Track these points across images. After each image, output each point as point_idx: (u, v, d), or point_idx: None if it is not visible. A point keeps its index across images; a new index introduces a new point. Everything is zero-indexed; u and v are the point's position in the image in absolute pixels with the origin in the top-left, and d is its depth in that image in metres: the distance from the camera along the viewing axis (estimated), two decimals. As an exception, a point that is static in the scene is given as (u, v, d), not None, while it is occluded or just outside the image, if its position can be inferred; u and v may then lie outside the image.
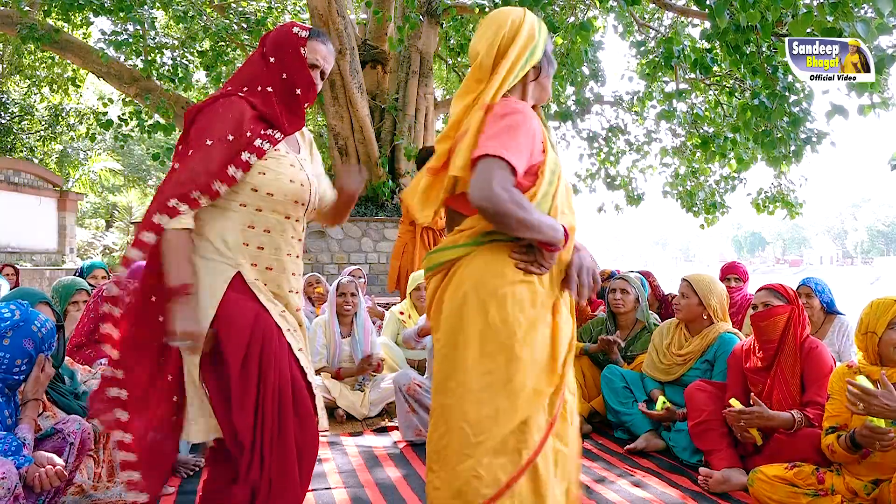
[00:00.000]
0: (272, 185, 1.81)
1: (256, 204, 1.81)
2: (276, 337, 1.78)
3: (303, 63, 1.88)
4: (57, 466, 1.88)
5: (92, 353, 2.83)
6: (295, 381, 1.79)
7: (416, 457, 3.19)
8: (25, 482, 1.83)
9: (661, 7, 8.44)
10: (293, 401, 1.78)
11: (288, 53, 1.88)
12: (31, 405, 2.12)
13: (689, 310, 3.32)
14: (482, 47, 1.69)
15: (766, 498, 2.48)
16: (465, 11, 9.11)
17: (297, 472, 1.76)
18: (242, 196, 1.80)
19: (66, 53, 9.60)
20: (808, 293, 3.56)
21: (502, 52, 1.67)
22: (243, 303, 1.76)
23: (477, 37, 1.73)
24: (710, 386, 3.05)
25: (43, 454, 1.96)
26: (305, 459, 1.80)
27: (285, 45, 1.89)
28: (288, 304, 1.86)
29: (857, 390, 2.12)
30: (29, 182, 13.45)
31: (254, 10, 10.28)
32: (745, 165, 8.68)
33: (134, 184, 21.55)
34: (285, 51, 1.88)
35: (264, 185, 1.81)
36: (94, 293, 3.03)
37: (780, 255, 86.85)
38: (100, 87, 16.18)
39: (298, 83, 1.89)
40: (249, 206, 1.80)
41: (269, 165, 1.82)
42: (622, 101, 10.88)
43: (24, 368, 2.06)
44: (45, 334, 2.11)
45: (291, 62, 1.88)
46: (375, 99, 9.55)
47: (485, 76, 1.68)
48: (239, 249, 1.79)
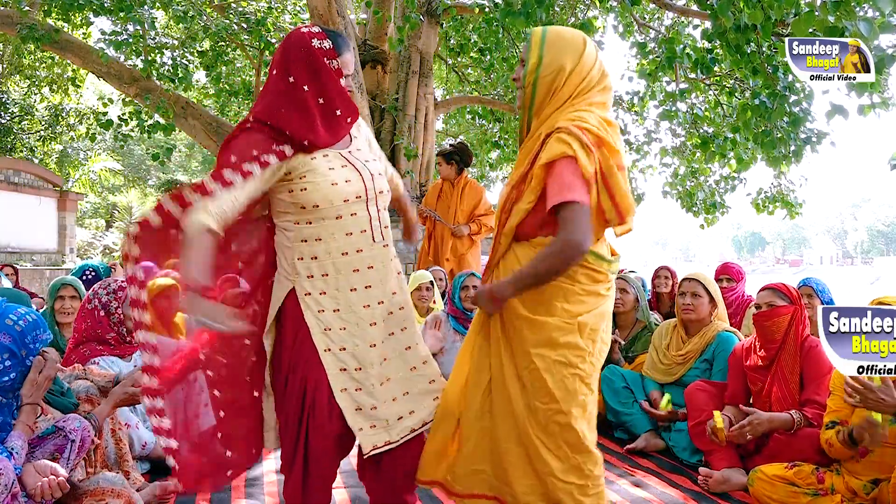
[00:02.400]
0: (315, 197, 1.84)
1: (307, 219, 1.87)
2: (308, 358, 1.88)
3: (336, 82, 1.87)
4: (59, 478, 1.84)
5: (87, 352, 2.82)
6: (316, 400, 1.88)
7: (417, 457, 3.18)
8: (27, 493, 1.81)
9: (662, 7, 8.44)
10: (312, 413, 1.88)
11: (321, 72, 1.85)
12: (25, 410, 1.99)
13: (703, 309, 3.30)
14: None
15: (766, 498, 2.48)
16: (465, 11, 9.10)
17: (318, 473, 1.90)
18: (293, 216, 1.88)
19: (66, 53, 9.58)
20: (810, 293, 3.56)
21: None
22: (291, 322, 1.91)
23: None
24: (711, 386, 3.06)
25: (45, 464, 1.89)
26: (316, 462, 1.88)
27: (312, 63, 1.84)
28: (352, 304, 1.90)
29: (856, 382, 2.11)
30: (29, 182, 13.44)
31: (254, 10, 10.27)
32: (745, 165, 8.67)
33: (134, 184, 21.55)
34: (315, 70, 1.84)
35: (309, 199, 1.85)
36: (90, 292, 3.03)
37: (780, 255, 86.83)
38: (100, 87, 16.18)
39: (338, 105, 1.89)
40: (301, 222, 1.88)
41: (309, 179, 1.85)
42: (622, 101, 10.87)
43: (10, 366, 1.93)
44: (24, 327, 1.95)
45: (326, 81, 1.85)
46: (375, 99, 9.54)
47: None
48: (294, 266, 1.89)
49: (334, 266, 1.88)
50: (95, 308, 2.84)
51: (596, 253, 1.86)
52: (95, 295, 2.86)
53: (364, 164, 1.96)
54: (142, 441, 2.75)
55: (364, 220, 1.92)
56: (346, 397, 1.88)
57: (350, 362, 1.88)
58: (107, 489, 2.01)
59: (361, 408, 1.90)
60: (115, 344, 2.86)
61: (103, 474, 2.10)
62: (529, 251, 1.87)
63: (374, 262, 1.93)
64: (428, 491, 2.72)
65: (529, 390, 1.86)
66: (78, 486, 2.04)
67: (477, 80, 11.69)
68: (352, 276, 1.90)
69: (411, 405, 2.00)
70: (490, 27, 7.78)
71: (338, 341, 1.88)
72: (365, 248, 1.92)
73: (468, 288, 3.72)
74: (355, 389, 1.89)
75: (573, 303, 1.83)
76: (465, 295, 3.71)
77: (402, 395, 1.99)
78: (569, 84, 1.85)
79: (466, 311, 3.71)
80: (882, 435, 2.15)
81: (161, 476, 2.74)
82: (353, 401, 1.89)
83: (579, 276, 1.84)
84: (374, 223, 1.94)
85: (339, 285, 1.89)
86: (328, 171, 1.87)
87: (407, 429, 1.97)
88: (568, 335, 1.83)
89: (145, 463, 2.83)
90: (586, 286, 1.86)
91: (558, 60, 1.83)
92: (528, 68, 1.86)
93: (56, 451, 1.98)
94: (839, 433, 2.33)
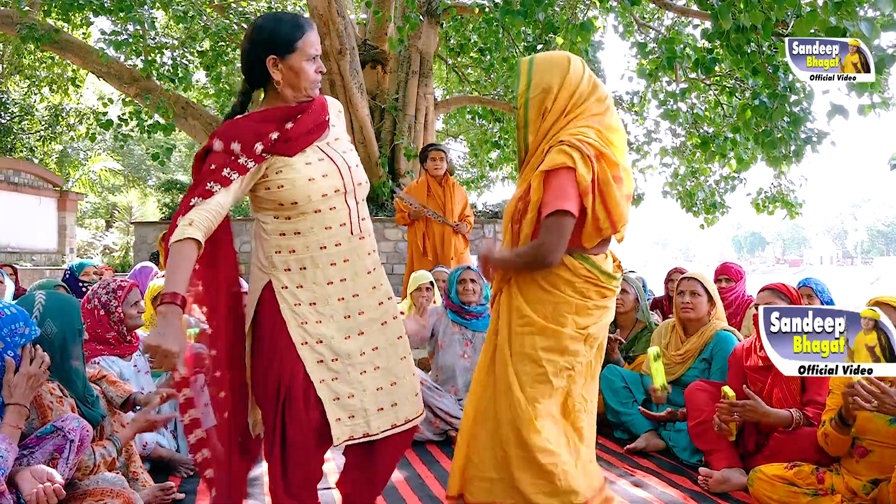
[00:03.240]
0: (292, 194, 1.84)
1: (285, 214, 1.87)
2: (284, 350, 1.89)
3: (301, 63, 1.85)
4: (56, 484, 1.79)
5: (87, 352, 2.81)
6: (292, 390, 1.87)
7: (417, 457, 3.19)
8: (24, 499, 1.79)
9: (662, 7, 8.44)
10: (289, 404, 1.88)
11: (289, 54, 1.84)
12: (10, 411, 1.85)
13: (701, 308, 3.31)
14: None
15: (766, 497, 2.48)
16: (465, 11, 9.10)
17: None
18: (271, 211, 1.88)
19: (66, 53, 9.59)
20: (810, 293, 3.57)
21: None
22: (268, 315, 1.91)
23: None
24: (710, 386, 3.05)
25: (42, 469, 1.85)
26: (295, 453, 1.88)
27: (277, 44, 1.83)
28: (328, 297, 1.91)
29: (873, 387, 2.05)
30: (29, 182, 13.45)
31: (254, 10, 10.27)
32: (745, 165, 8.68)
33: (134, 184, 21.52)
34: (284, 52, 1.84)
35: (287, 197, 1.85)
36: (89, 292, 3.03)
37: (780, 255, 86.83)
38: (100, 87, 16.17)
39: (303, 86, 1.87)
40: (280, 217, 1.88)
41: (285, 175, 1.84)
42: (622, 101, 10.87)
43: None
44: (0, 321, 1.86)
45: (293, 63, 1.84)
46: (375, 99, 9.54)
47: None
48: (271, 259, 1.90)
49: (312, 260, 1.89)
50: (95, 308, 2.84)
51: (606, 272, 2.03)
52: (95, 295, 2.86)
53: (342, 155, 1.95)
54: (142, 441, 2.75)
55: (343, 214, 1.92)
56: (325, 388, 1.89)
57: (327, 353, 1.90)
58: (105, 489, 2.00)
59: (339, 397, 1.91)
60: (116, 343, 2.85)
61: (103, 475, 2.09)
62: None
63: (351, 255, 1.93)
64: (428, 491, 2.73)
65: (530, 391, 1.99)
66: (77, 485, 2.04)
67: (477, 80, 11.70)
68: (329, 269, 1.91)
69: (395, 397, 2.00)
70: (490, 27, 7.77)
71: (315, 334, 1.89)
72: (343, 242, 1.92)
73: (465, 281, 3.71)
74: (332, 379, 1.90)
75: (583, 316, 2.02)
76: (462, 288, 3.71)
77: (389, 385, 1.99)
78: (559, 100, 2.01)
79: (464, 304, 3.71)
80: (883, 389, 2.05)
81: (161, 476, 2.75)
82: (331, 391, 1.90)
83: (591, 293, 2.02)
84: (353, 216, 1.94)
85: (316, 279, 1.89)
86: (304, 167, 1.86)
87: (388, 423, 1.97)
88: (576, 343, 2.02)
89: (146, 463, 2.83)
90: (597, 301, 2.04)
91: (545, 81, 2.01)
92: (519, 91, 2.04)
93: (55, 451, 1.97)
94: (832, 420, 2.32)
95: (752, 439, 2.84)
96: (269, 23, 1.87)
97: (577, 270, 1.99)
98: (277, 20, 1.87)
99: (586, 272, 1.99)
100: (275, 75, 1.85)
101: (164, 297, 1.67)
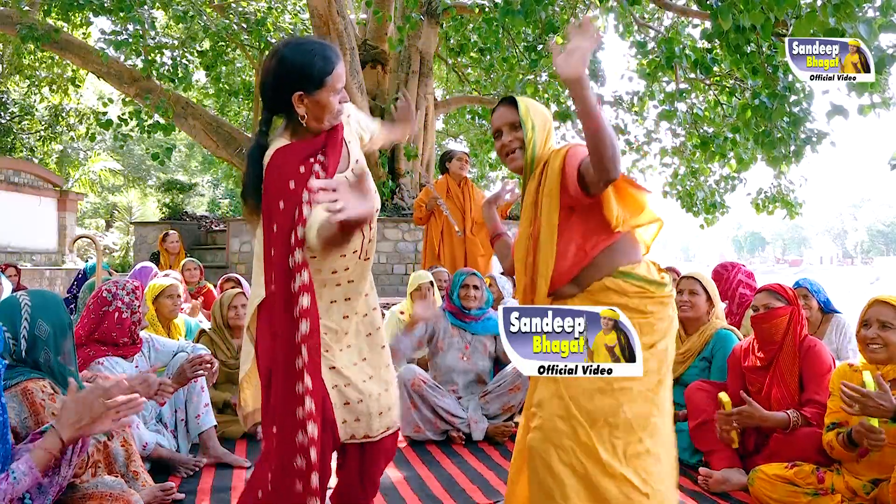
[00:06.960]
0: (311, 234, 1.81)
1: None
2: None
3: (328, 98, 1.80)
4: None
5: (92, 353, 2.82)
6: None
7: (417, 457, 3.19)
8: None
9: (661, 7, 8.45)
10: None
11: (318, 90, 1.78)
12: (50, 433, 1.75)
13: (700, 306, 3.30)
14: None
15: (766, 497, 2.49)
16: (465, 11, 9.11)
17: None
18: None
19: (66, 53, 9.59)
20: (806, 294, 3.56)
21: None
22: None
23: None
24: (710, 386, 3.05)
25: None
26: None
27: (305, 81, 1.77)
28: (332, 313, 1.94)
29: (852, 391, 2.14)
30: (29, 182, 13.44)
31: (254, 10, 10.27)
32: (745, 165, 8.68)
33: (134, 184, 21.52)
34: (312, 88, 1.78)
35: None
36: (94, 293, 3.03)
37: (780, 255, 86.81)
38: (100, 87, 16.19)
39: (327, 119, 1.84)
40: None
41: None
42: (622, 101, 10.88)
43: None
44: None
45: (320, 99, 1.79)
46: (375, 99, 9.54)
47: None
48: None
49: (321, 282, 1.90)
50: (118, 309, 2.83)
51: (654, 280, 1.93)
52: (115, 296, 2.85)
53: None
54: (142, 441, 2.75)
55: (357, 241, 1.92)
56: (336, 393, 1.94)
57: (334, 362, 1.95)
58: (105, 493, 2.00)
59: (350, 402, 1.96)
60: (122, 345, 2.85)
61: (103, 478, 2.09)
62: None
63: (354, 275, 1.97)
64: (428, 491, 2.73)
65: (602, 426, 1.86)
66: (77, 487, 2.04)
67: (477, 80, 11.70)
68: (335, 290, 1.94)
69: (389, 402, 2.07)
70: (490, 27, 7.78)
71: (322, 343, 1.91)
72: (351, 266, 1.94)
73: (469, 287, 3.71)
74: (345, 385, 1.96)
75: (647, 334, 1.90)
76: (464, 293, 3.70)
77: (383, 391, 2.06)
78: (550, 135, 2.09)
79: (464, 308, 3.71)
80: (881, 438, 2.16)
81: (161, 476, 2.75)
82: (342, 396, 1.95)
83: (649, 308, 1.92)
84: (365, 242, 1.96)
85: (321, 297, 1.90)
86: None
87: (384, 426, 2.05)
88: (648, 363, 1.86)
89: (146, 463, 2.83)
90: (658, 314, 1.93)
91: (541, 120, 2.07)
92: (527, 132, 2.01)
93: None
94: (839, 436, 2.33)
95: (752, 439, 2.84)
96: (298, 56, 1.77)
97: (626, 290, 1.90)
98: (306, 54, 1.78)
99: (636, 288, 1.91)
100: (299, 110, 1.80)
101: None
